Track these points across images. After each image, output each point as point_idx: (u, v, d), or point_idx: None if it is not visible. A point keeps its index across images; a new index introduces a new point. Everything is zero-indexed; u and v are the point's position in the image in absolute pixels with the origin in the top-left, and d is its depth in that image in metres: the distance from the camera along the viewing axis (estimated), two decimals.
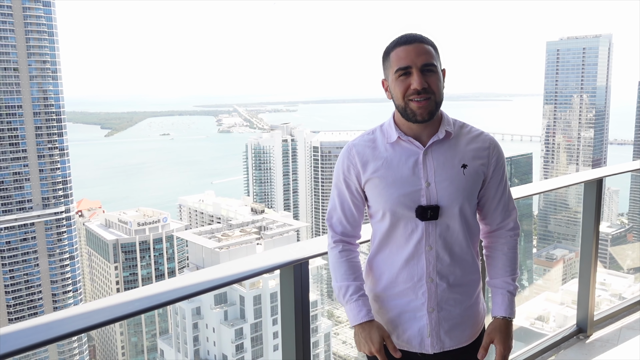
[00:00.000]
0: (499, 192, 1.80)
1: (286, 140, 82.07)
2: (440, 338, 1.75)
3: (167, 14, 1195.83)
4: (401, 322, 1.77)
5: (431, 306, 1.74)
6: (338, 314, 35.93)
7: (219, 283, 2.05)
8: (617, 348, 3.73)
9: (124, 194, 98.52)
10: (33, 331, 1.76)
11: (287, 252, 2.30)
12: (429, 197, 1.69)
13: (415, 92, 1.63)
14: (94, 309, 1.89)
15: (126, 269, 50.32)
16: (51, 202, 51.43)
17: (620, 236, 27.22)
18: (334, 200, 1.85)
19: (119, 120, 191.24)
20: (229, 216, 56.65)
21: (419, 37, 1.67)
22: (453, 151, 1.72)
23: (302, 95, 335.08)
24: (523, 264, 10.18)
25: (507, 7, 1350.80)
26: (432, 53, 1.66)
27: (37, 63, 51.47)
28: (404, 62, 1.64)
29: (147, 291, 1.99)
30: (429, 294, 1.74)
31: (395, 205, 1.69)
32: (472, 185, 1.72)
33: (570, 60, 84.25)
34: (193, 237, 42.80)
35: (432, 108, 1.66)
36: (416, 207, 1.68)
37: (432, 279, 1.73)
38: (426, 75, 1.64)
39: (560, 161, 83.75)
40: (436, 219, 1.69)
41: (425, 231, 1.70)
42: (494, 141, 1.78)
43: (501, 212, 1.82)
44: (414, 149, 1.71)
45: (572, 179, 3.91)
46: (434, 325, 1.75)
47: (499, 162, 1.78)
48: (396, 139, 1.72)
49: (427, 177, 1.69)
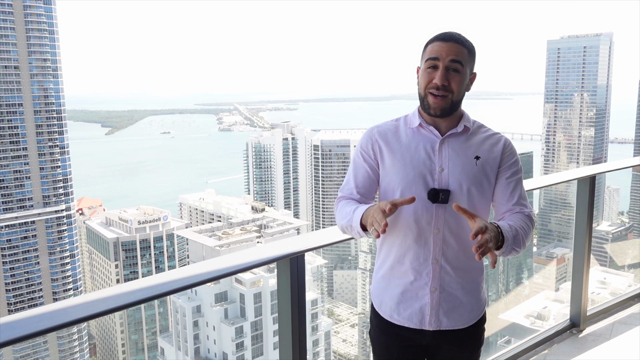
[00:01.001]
0: (510, 184, 1.83)
1: (287, 138, 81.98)
2: (439, 317, 1.83)
3: (167, 12, 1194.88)
4: (404, 300, 1.84)
5: (434, 286, 1.82)
6: (338, 312, 36.00)
7: (217, 275, 2.10)
8: (610, 342, 3.79)
9: (125, 192, 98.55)
10: (33, 320, 1.78)
11: (284, 245, 2.36)
12: (441, 181, 1.77)
13: (435, 87, 1.74)
14: (94, 299, 1.93)
15: (126, 267, 50.29)
16: (52, 200, 51.41)
17: (620, 235, 27.23)
18: (349, 174, 1.93)
19: (119, 119, 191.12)
20: (229, 214, 56.65)
21: (457, 37, 1.76)
22: (468, 144, 1.82)
23: (303, 94, 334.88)
24: (523, 263, 10.20)
25: (508, 6, 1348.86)
26: (464, 55, 1.76)
27: (38, 61, 51.40)
28: (434, 54, 1.74)
29: (147, 282, 2.04)
30: (433, 275, 1.81)
31: (409, 185, 1.78)
32: (483, 176, 1.80)
33: (571, 59, 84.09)
34: (193, 235, 42.83)
35: (446, 106, 1.77)
36: (429, 190, 1.76)
37: (437, 260, 1.80)
38: (450, 73, 1.74)
39: (561, 160, 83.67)
40: (446, 202, 1.76)
41: (435, 214, 1.78)
42: (508, 140, 1.88)
43: (516, 202, 1.83)
44: (432, 137, 1.82)
45: (564, 176, 3.96)
46: (434, 304, 1.82)
47: (512, 158, 1.85)
48: (417, 125, 1.82)
49: (442, 163, 1.78)
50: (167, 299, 24.24)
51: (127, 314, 40.31)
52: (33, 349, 38.51)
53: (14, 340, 1.63)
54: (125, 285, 2.01)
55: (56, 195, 51.66)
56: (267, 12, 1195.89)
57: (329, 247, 2.39)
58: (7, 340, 1.61)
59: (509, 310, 5.74)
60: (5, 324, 1.70)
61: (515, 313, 5.57)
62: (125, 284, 2.02)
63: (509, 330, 5.07)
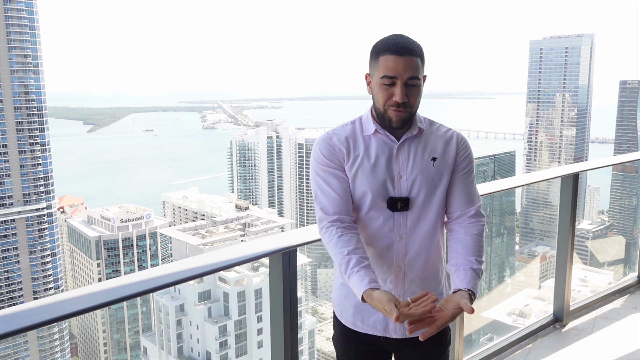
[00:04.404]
0: (465, 182, 1.85)
1: (271, 136, 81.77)
2: (404, 324, 1.73)
3: (151, 9, 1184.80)
4: (367, 307, 1.77)
5: (398, 294, 1.81)
6: (322, 311, 36.05)
7: (209, 270, 2.11)
8: (592, 336, 3.88)
9: (107, 190, 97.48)
10: (10, 318, 1.73)
11: (276, 240, 2.37)
12: (400, 189, 1.78)
13: (396, 105, 1.71)
14: (74, 297, 1.90)
15: (109, 265, 49.80)
16: (32, 199, 50.72)
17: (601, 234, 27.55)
18: (320, 185, 1.81)
19: (101, 116, 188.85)
20: (213, 213, 56.35)
21: (410, 49, 1.70)
22: (424, 145, 1.81)
23: (287, 92, 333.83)
24: (505, 261, 10.30)
25: (490, 5, 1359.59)
26: (419, 67, 1.72)
27: (18, 57, 50.62)
28: (391, 73, 1.69)
29: (131, 279, 2.02)
30: (396, 282, 1.82)
31: (369, 195, 1.77)
32: (441, 177, 1.81)
33: (553, 59, 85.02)
34: (177, 233, 42.58)
35: (407, 117, 1.75)
36: (387, 198, 1.77)
37: (400, 267, 1.81)
38: (408, 89, 1.71)
39: (543, 159, 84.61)
40: (407, 210, 1.78)
41: (395, 222, 1.78)
42: (461, 136, 1.88)
43: (464, 201, 1.85)
44: (389, 142, 1.80)
45: (548, 173, 4.03)
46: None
47: (466, 155, 1.86)
48: (374, 132, 1.80)
49: (400, 169, 1.79)
50: (150, 298, 24.07)
51: (109, 313, 39.94)
52: (13, 349, 38.00)
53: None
54: (111, 282, 1.99)
55: (37, 193, 50.97)
56: (252, 10, 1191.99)
57: (312, 245, 2.40)
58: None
59: (492, 308, 5.80)
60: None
61: (498, 311, 5.64)
62: (111, 281, 2.00)
63: (491, 328, 5.13)
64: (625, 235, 9.69)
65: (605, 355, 3.60)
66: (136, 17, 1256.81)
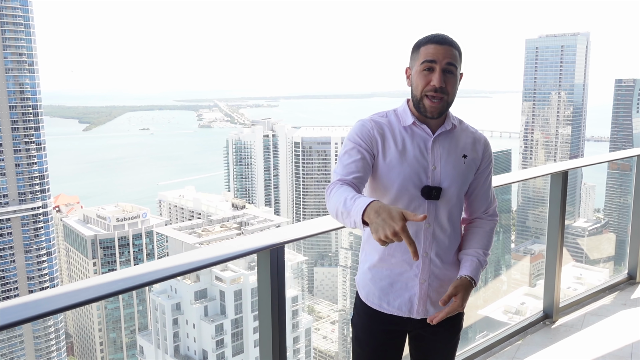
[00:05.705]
0: (485, 183, 2.03)
1: (267, 135, 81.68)
2: (426, 307, 1.94)
3: (147, 8, 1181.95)
4: (393, 290, 1.93)
5: (423, 278, 1.92)
6: (319, 310, 36.03)
7: (197, 266, 2.11)
8: (581, 332, 3.91)
9: (103, 189, 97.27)
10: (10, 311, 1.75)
11: (263, 237, 2.39)
12: (434, 179, 1.87)
13: (433, 89, 1.82)
14: (72, 290, 1.91)
15: (105, 265, 49.69)
16: (28, 198, 50.57)
17: (596, 231, 27.71)
18: (345, 158, 1.83)
19: (97, 115, 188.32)
20: (209, 212, 56.29)
21: (450, 40, 1.84)
22: (456, 142, 1.94)
23: (284, 91, 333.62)
24: (501, 259, 10.34)
25: (486, 4, 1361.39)
26: (457, 57, 1.84)
27: (13, 56, 50.45)
28: (431, 57, 1.81)
29: (125, 273, 2.04)
30: (422, 267, 1.91)
31: (405, 182, 1.85)
32: (469, 174, 1.95)
33: (548, 58, 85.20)
34: (173, 232, 42.52)
35: (442, 108, 1.86)
36: (422, 187, 1.85)
37: (427, 253, 1.91)
38: (446, 75, 1.82)
39: (539, 157, 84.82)
40: (438, 199, 1.87)
41: (427, 210, 1.88)
42: (487, 140, 2.03)
43: (484, 201, 2.04)
44: (424, 135, 1.90)
45: (537, 171, 4.06)
46: (422, 295, 1.93)
47: (489, 157, 2.02)
48: (411, 124, 1.89)
49: (434, 161, 1.88)
50: (146, 297, 24.02)
51: (105, 312, 39.88)
52: (9, 349, 37.94)
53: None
54: (107, 276, 2.01)
55: (32, 192, 50.83)
56: (248, 9, 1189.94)
57: (309, 244, 2.41)
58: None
59: (487, 306, 5.83)
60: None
61: (494, 309, 5.66)
62: (107, 275, 2.02)
63: (486, 325, 5.15)
64: (620, 233, 9.74)
65: (594, 352, 3.63)
66: (132, 15, 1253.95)
